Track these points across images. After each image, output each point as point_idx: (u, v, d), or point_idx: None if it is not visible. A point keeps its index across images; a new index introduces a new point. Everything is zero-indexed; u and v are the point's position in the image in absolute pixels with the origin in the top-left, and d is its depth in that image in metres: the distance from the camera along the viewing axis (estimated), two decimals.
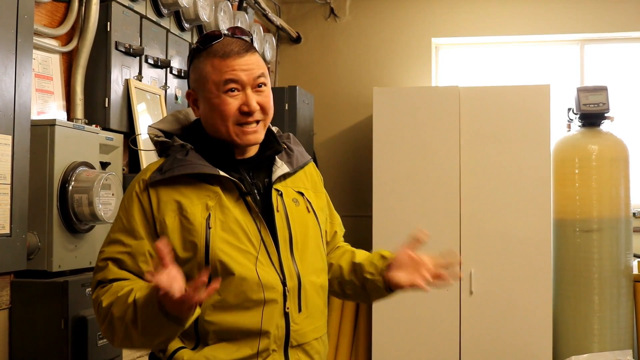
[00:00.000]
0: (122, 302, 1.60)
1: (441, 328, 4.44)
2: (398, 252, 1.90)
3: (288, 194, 1.83)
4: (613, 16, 5.08)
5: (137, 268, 1.69)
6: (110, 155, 2.88)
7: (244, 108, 1.73)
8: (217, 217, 1.70)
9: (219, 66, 1.73)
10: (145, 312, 1.55)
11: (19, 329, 2.46)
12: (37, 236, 2.45)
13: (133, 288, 1.61)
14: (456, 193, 4.47)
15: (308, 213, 1.86)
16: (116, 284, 1.66)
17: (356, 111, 5.37)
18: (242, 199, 1.74)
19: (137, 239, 1.70)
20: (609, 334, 4.38)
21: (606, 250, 4.41)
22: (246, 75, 1.73)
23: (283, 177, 1.84)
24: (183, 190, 1.72)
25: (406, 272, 1.87)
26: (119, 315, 1.60)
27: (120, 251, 1.70)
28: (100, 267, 1.72)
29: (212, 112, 1.75)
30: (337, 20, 5.47)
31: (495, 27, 5.25)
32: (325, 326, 1.89)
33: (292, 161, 1.88)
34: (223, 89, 1.72)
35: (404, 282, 1.86)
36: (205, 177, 1.73)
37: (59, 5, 2.84)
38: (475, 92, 4.55)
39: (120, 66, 3.07)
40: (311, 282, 1.79)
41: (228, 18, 4.01)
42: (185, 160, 1.72)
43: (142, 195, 1.73)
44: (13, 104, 2.12)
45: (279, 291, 1.71)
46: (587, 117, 4.58)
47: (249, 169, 1.81)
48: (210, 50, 1.76)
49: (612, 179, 4.46)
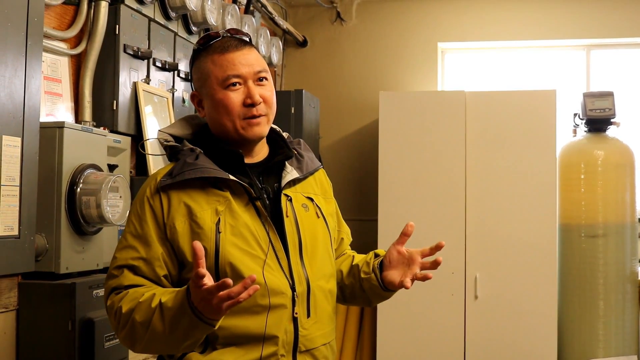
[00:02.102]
0: (145, 307, 1.59)
1: (446, 332, 4.43)
2: (388, 249, 1.87)
3: (298, 199, 1.83)
4: (619, 22, 5.08)
5: (153, 274, 1.69)
6: (118, 157, 2.89)
7: (247, 100, 1.74)
8: (227, 222, 1.70)
9: (219, 61, 1.75)
10: (175, 315, 1.54)
11: (27, 331, 2.46)
12: (45, 238, 2.45)
13: (155, 293, 1.61)
14: (462, 197, 4.47)
15: (318, 218, 1.86)
16: (132, 290, 1.66)
17: (362, 115, 5.38)
18: (251, 204, 1.74)
19: (151, 244, 1.70)
20: (614, 340, 4.38)
21: (612, 255, 4.41)
22: (246, 68, 1.75)
23: (293, 182, 1.84)
24: (193, 194, 1.72)
25: (397, 269, 1.83)
26: (142, 320, 1.59)
27: (135, 257, 1.69)
28: (114, 274, 1.71)
29: (217, 109, 1.76)
30: (343, 24, 5.48)
31: (501, 32, 5.25)
32: (334, 332, 1.88)
33: (302, 167, 1.88)
34: (225, 84, 1.74)
35: (395, 281, 1.82)
36: (215, 181, 1.73)
37: (68, 8, 2.85)
38: (481, 97, 4.55)
39: (129, 69, 3.08)
40: (320, 287, 1.79)
41: (235, 21, 4.02)
42: (195, 164, 1.72)
43: (153, 199, 1.73)
44: (23, 106, 2.13)
45: (287, 296, 1.71)
46: (593, 123, 4.58)
47: (258, 174, 1.81)
48: (209, 48, 1.78)
49: (617, 185, 4.46)
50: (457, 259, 4.43)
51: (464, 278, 4.44)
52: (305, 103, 4.61)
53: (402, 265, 1.83)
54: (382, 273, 1.86)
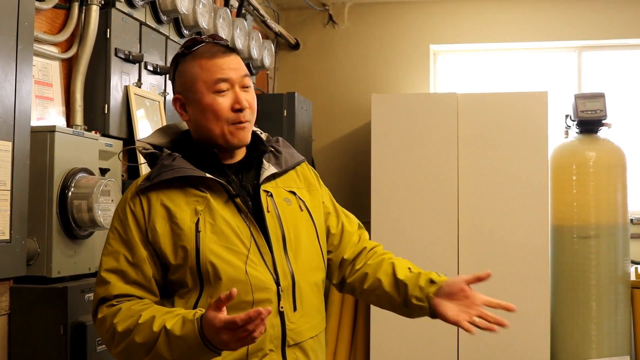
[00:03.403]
0: (146, 329, 1.61)
1: (439, 332, 4.43)
2: (453, 280, 1.84)
3: (279, 194, 1.85)
4: (610, 23, 5.10)
5: (142, 277, 1.71)
6: (109, 161, 2.88)
7: (236, 106, 1.76)
8: (207, 221, 1.72)
9: (207, 66, 1.77)
10: (184, 342, 1.57)
11: (18, 335, 2.45)
12: (37, 242, 2.45)
13: (155, 315, 1.62)
14: (454, 199, 4.48)
15: (301, 212, 1.87)
16: (125, 308, 1.67)
17: (355, 118, 5.38)
18: (231, 201, 1.76)
19: (135, 248, 1.72)
20: (607, 340, 4.39)
21: (604, 256, 4.42)
22: (234, 73, 1.78)
23: (273, 177, 1.86)
24: (172, 196, 1.74)
25: (455, 305, 1.81)
26: (144, 342, 1.61)
27: (121, 263, 1.71)
28: (103, 280, 1.72)
29: (204, 113, 1.77)
30: (335, 27, 5.49)
31: (493, 34, 5.27)
32: (323, 323, 1.90)
33: (280, 162, 1.89)
34: (213, 88, 1.76)
35: (450, 317, 1.80)
36: (193, 182, 1.75)
37: (59, 12, 2.85)
38: (473, 99, 4.57)
39: (120, 73, 3.08)
40: (306, 280, 1.80)
41: (227, 25, 4.02)
42: (172, 165, 1.75)
43: (134, 203, 1.75)
44: (13, 111, 2.13)
45: (272, 291, 1.73)
46: (585, 124, 4.59)
47: (236, 172, 1.83)
48: (196, 53, 1.80)
49: (609, 186, 4.47)
50: (450, 261, 4.43)
51: None
52: (297, 106, 4.61)
53: (461, 301, 1.82)
54: (434, 298, 1.84)
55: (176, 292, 1.75)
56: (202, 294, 1.71)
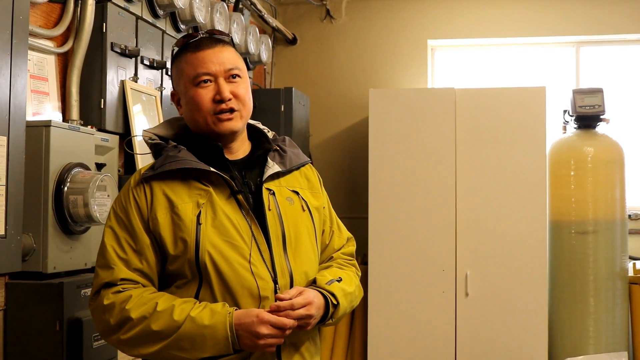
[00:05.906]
0: (166, 317, 1.64)
1: (437, 330, 4.43)
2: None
3: (282, 193, 1.85)
4: (609, 18, 5.09)
5: (145, 265, 1.73)
6: (105, 156, 2.87)
7: (216, 97, 1.78)
8: (208, 214, 1.73)
9: (191, 60, 1.80)
10: (211, 332, 1.63)
11: (14, 331, 2.45)
12: (32, 237, 2.44)
13: (174, 304, 1.66)
14: (452, 195, 4.48)
15: (303, 212, 1.87)
16: (137, 294, 1.69)
17: (352, 113, 5.37)
18: (233, 197, 1.77)
19: (140, 234, 1.73)
20: (605, 336, 4.39)
21: (601, 252, 4.41)
22: (217, 66, 1.79)
23: (276, 176, 1.86)
24: (175, 187, 1.76)
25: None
26: (160, 329, 1.64)
27: (126, 248, 1.73)
28: (107, 265, 1.73)
29: (190, 106, 1.80)
30: (333, 22, 5.47)
31: (491, 29, 5.25)
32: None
33: (284, 161, 1.90)
34: (195, 81, 1.79)
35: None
36: (196, 175, 1.77)
37: (55, 6, 2.83)
38: (471, 94, 4.55)
39: (116, 67, 3.06)
40: (304, 279, 1.81)
41: (224, 19, 4.00)
42: (176, 156, 1.76)
43: (137, 191, 1.77)
44: (8, 105, 2.11)
45: (269, 288, 1.73)
46: (583, 119, 4.58)
47: (240, 169, 1.84)
48: (186, 48, 1.83)
49: (607, 181, 4.46)
50: (448, 256, 4.42)
51: (454, 275, 4.44)
52: (295, 101, 4.60)
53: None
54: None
55: (173, 283, 1.76)
56: (201, 286, 1.72)
